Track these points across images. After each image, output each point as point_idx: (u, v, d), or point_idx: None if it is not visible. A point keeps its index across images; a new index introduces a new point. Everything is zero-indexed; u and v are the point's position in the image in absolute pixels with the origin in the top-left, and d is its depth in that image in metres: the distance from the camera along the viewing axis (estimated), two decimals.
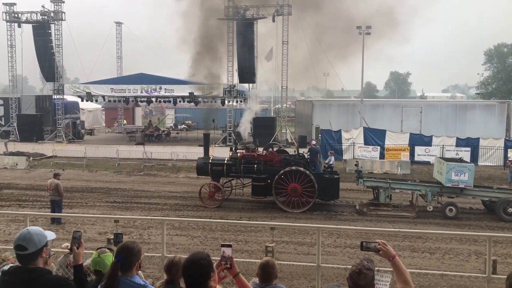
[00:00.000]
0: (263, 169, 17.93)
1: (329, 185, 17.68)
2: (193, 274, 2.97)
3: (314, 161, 18.12)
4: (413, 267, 11.22)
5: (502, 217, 16.51)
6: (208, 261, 3.04)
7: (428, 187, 17.53)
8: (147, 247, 12.58)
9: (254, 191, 18.07)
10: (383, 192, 17.53)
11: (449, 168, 17.00)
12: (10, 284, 3.08)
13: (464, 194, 17.26)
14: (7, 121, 36.58)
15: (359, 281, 3.08)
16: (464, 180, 16.84)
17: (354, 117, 33.63)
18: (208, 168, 18.64)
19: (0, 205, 18.51)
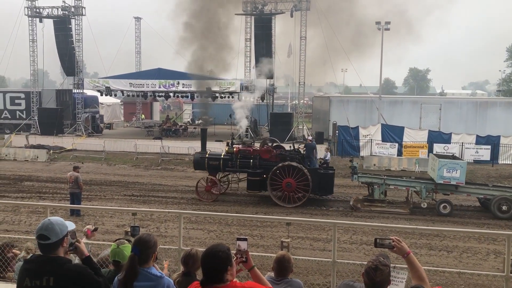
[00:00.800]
0: (259, 164, 18.08)
1: (323, 180, 17.78)
2: (210, 265, 2.99)
3: (309, 157, 18.23)
4: (430, 265, 11.11)
5: (496, 215, 16.33)
6: (227, 254, 3.05)
7: (422, 184, 17.44)
8: (164, 240, 12.72)
9: (249, 186, 18.25)
10: (378, 188, 17.56)
11: (441, 165, 16.88)
12: (32, 272, 3.16)
13: (458, 192, 17.16)
14: (28, 115, 37.27)
15: (375, 277, 3.07)
16: (456, 177, 16.72)
17: (372, 113, 33.34)
18: (204, 162, 18.83)
19: (21, 196, 18.93)
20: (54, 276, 3.11)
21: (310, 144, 18.78)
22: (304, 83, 32.94)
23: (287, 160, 17.83)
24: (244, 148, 18.76)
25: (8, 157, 28.84)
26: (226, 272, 3.02)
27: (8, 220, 15.30)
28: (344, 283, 3.44)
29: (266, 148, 18.65)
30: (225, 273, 3.01)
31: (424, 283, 3.35)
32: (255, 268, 3.47)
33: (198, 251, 4.36)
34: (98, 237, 13.19)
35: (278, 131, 31.01)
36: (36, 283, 3.11)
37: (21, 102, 39.88)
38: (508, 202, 16.33)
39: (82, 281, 3.18)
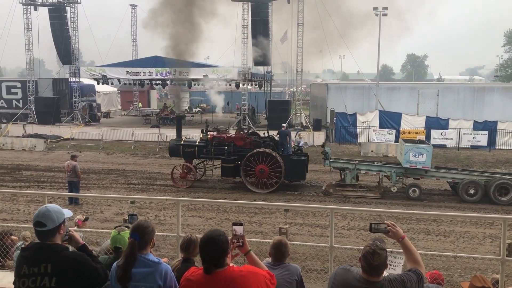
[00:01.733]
0: (233, 151, 18.27)
1: (295, 166, 17.96)
2: (211, 250, 3.00)
3: (283, 143, 18.39)
4: (427, 249, 11.21)
5: (464, 198, 16.53)
6: (226, 238, 3.09)
7: (392, 168, 17.61)
8: (162, 227, 12.80)
9: (223, 172, 18.45)
10: (349, 173, 17.75)
11: (407, 149, 17.10)
12: (29, 260, 3.16)
13: (428, 176, 17.37)
14: (25, 104, 37.09)
15: (373, 262, 3.09)
16: (422, 161, 16.91)
17: (369, 100, 33.27)
18: (180, 149, 19.01)
19: (19, 186, 18.94)
20: (52, 263, 3.11)
21: (284, 131, 18.89)
22: (302, 70, 32.81)
23: (261, 146, 18.05)
24: (219, 135, 18.93)
25: (6, 146, 28.79)
26: (226, 255, 3.05)
27: (7, 209, 15.33)
28: (341, 267, 3.45)
29: (239, 135, 18.87)
30: (225, 257, 3.04)
31: (419, 266, 3.38)
32: (251, 252, 3.49)
33: (197, 237, 4.38)
34: (97, 225, 13.29)
35: (276, 119, 30.95)
36: (34, 270, 3.11)
37: (17, 91, 39.63)
38: (475, 185, 16.50)
39: (79, 267, 3.18)
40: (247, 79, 32.76)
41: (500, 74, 66.16)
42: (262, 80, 36.30)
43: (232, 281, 2.99)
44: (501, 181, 16.35)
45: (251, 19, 31.74)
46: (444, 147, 27.55)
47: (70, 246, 3.58)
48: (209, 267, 3.01)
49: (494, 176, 16.87)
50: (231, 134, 19.21)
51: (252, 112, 34.56)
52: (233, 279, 3.00)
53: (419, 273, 3.31)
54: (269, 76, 37.67)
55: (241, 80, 32.84)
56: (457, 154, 26.20)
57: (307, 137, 29.09)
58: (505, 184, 16.30)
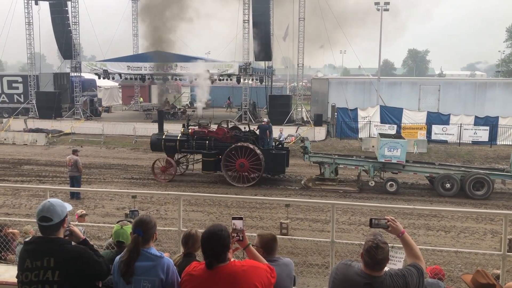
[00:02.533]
0: (214, 145, 18.44)
1: (275, 160, 18.15)
2: (213, 246, 3.01)
3: (263, 138, 18.60)
4: (427, 245, 11.23)
5: (440, 192, 16.66)
6: (227, 233, 3.09)
7: (370, 163, 17.75)
8: (163, 222, 12.83)
9: (204, 166, 18.58)
10: (328, 168, 17.93)
11: (382, 144, 17.31)
12: (32, 253, 3.18)
13: (406, 170, 17.56)
14: (26, 98, 37.08)
15: (377, 256, 3.09)
16: (397, 156, 17.09)
17: (370, 95, 33.25)
18: (161, 143, 19.12)
19: (21, 180, 18.98)
20: (54, 257, 3.13)
21: (263, 126, 19.09)
22: (303, 65, 32.74)
23: (242, 141, 18.19)
24: (199, 129, 19.07)
25: (7, 141, 28.81)
26: (228, 250, 3.06)
27: (9, 203, 15.36)
28: (342, 263, 3.46)
29: (220, 129, 18.98)
30: (227, 252, 3.05)
31: (419, 261, 3.39)
32: (250, 246, 3.50)
33: (198, 231, 4.39)
34: (98, 219, 13.34)
35: (276, 114, 30.96)
36: (36, 264, 3.13)
37: (18, 85, 39.63)
38: (451, 179, 16.65)
39: (82, 261, 3.20)
40: (248, 74, 32.72)
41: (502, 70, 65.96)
42: (263, 75, 36.24)
43: (234, 276, 3.00)
44: (476, 175, 16.48)
45: (252, 13, 31.64)
46: (445, 143, 27.54)
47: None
48: (211, 262, 3.02)
49: (470, 171, 17.03)
50: (213, 129, 19.33)
51: (253, 107, 34.52)
52: (235, 274, 3.01)
53: (419, 268, 3.32)
54: (270, 71, 37.61)
55: (242, 75, 32.80)
56: (458, 149, 26.18)
57: (308, 132, 29.10)
58: (480, 179, 16.41)
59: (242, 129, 19.58)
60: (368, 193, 17.12)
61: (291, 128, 29.88)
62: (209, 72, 32.99)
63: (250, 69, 32.36)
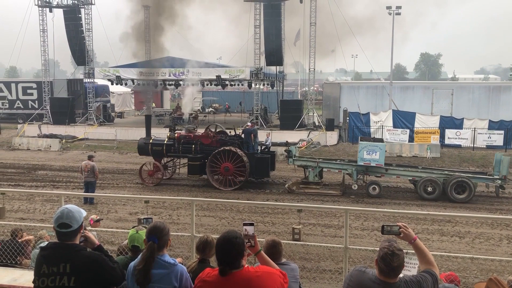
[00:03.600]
0: (200, 149, 18.71)
1: (259, 164, 18.35)
2: (228, 252, 3.02)
3: (247, 142, 18.76)
4: (441, 250, 11.11)
5: (422, 196, 16.70)
6: (242, 239, 3.11)
7: (353, 166, 17.75)
8: (176, 227, 12.86)
9: (190, 170, 18.84)
10: (312, 171, 18.07)
11: (361, 147, 17.46)
12: (49, 259, 3.22)
13: (389, 174, 17.63)
14: (40, 104, 37.58)
15: (393, 263, 3.07)
16: (376, 159, 17.17)
17: (383, 99, 33.07)
18: (148, 148, 19.43)
19: (35, 185, 19.19)
20: (70, 263, 3.16)
21: (248, 130, 19.28)
22: (314, 69, 32.70)
23: (227, 145, 18.43)
24: (185, 134, 19.38)
25: (22, 146, 29.18)
26: (242, 258, 3.06)
27: (23, 208, 15.54)
28: (356, 269, 3.44)
29: (205, 134, 19.18)
30: (242, 259, 3.05)
31: (433, 267, 3.36)
32: (261, 252, 3.50)
33: (213, 238, 4.41)
34: (111, 224, 13.41)
35: (288, 118, 30.94)
36: (53, 270, 3.16)
37: (33, 92, 40.23)
38: (433, 183, 16.64)
39: (97, 267, 3.23)
40: (259, 79, 32.77)
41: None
42: (274, 80, 36.27)
43: (249, 282, 3.00)
44: (458, 179, 16.48)
45: (264, 19, 31.73)
46: (459, 147, 27.25)
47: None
48: (225, 269, 3.02)
49: (452, 174, 16.98)
50: (199, 133, 19.60)
51: (264, 112, 34.56)
52: (250, 280, 3.01)
53: (433, 274, 3.30)
54: (281, 75, 37.63)
55: (253, 80, 32.87)
56: (472, 154, 25.88)
57: (320, 137, 29.01)
58: (462, 182, 16.42)
59: (228, 133, 19.89)
60: (351, 196, 17.24)
61: (302, 133, 29.83)
62: (221, 77, 33.15)
63: (261, 74, 32.42)
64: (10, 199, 16.02)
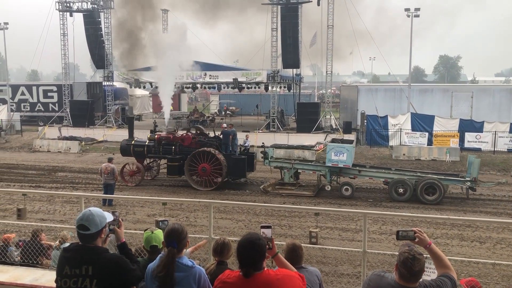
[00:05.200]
0: (180, 150, 19.16)
1: (236, 165, 18.72)
2: (251, 254, 3.03)
3: (226, 143, 19.13)
4: (461, 256, 10.93)
5: (393, 197, 16.84)
6: (264, 242, 3.12)
7: (327, 168, 17.85)
8: (193, 229, 12.92)
9: (169, 171, 19.33)
10: (287, 172, 18.37)
11: (329, 149, 17.86)
12: (71, 261, 3.27)
13: (361, 175, 17.79)
14: (60, 107, 38.24)
15: (414, 267, 3.05)
16: (343, 160, 17.39)
17: (401, 102, 32.74)
18: (130, 149, 19.95)
19: (55, 187, 19.49)
20: (92, 265, 3.22)
21: (226, 131, 19.56)
22: (332, 72, 32.57)
23: (206, 146, 18.85)
24: (165, 135, 19.82)
25: (42, 148, 29.70)
26: (264, 260, 3.08)
27: (44, 209, 15.79)
28: (375, 274, 3.42)
29: (184, 135, 19.64)
30: (263, 261, 3.07)
31: (450, 271, 3.34)
32: (279, 254, 3.51)
33: (229, 240, 4.42)
34: (130, 226, 13.52)
35: (305, 121, 30.86)
36: (75, 272, 3.22)
37: (53, 95, 40.96)
38: (404, 185, 16.75)
39: (118, 269, 3.28)
40: (276, 81, 32.76)
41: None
42: (291, 83, 36.24)
43: (270, 285, 3.01)
44: (428, 181, 16.57)
45: (281, 21, 31.74)
46: (479, 151, 26.79)
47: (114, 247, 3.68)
48: (248, 271, 3.03)
49: (423, 176, 17.07)
50: (178, 134, 20.00)
51: (281, 114, 34.52)
52: (271, 283, 3.02)
53: (452, 277, 3.28)
54: (298, 78, 37.56)
55: (270, 83, 32.87)
56: (493, 158, 25.43)
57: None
58: (432, 184, 16.48)
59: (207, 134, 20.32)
60: (323, 197, 17.45)
61: (319, 135, 29.72)
62: (238, 80, 33.25)
63: (278, 76, 32.41)
64: (31, 200, 16.32)
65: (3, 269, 5.97)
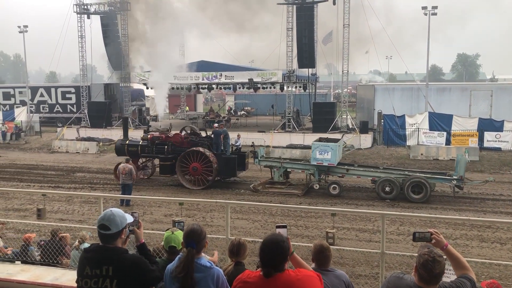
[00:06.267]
0: (172, 150, 19.50)
1: (226, 164, 19.05)
2: (275, 255, 3.03)
3: (216, 143, 19.34)
4: (482, 257, 10.75)
5: (380, 196, 17.02)
6: (288, 243, 3.13)
7: (315, 167, 18.07)
8: (210, 229, 12.95)
9: (161, 170, 19.80)
10: (277, 171, 18.73)
11: (313, 148, 18.09)
12: (92, 261, 3.32)
13: (349, 174, 18.03)
14: (78, 108, 38.73)
15: (435, 270, 3.00)
16: (328, 159, 17.66)
17: (418, 101, 32.38)
18: (125, 148, 20.38)
19: (74, 187, 19.77)
20: (113, 266, 3.25)
21: (217, 131, 19.77)
22: (348, 71, 32.35)
23: (198, 146, 19.17)
24: (158, 135, 20.21)
25: (61, 149, 30.14)
26: (286, 261, 3.09)
27: (63, 209, 16.03)
28: (394, 275, 3.39)
29: (176, 135, 20.00)
30: (285, 263, 3.08)
31: (469, 272, 3.29)
32: (294, 254, 3.51)
33: (245, 241, 4.42)
34: (147, 226, 13.63)
35: (321, 121, 30.71)
36: (96, 272, 3.26)
37: (71, 96, 41.55)
38: (391, 183, 16.90)
39: (138, 270, 3.31)
40: (292, 81, 32.68)
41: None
42: (306, 82, 36.11)
43: (290, 285, 3.01)
44: (415, 179, 16.69)
45: (296, 21, 31.65)
46: (499, 150, 26.34)
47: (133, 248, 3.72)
48: (270, 271, 3.03)
49: (410, 175, 17.12)
50: (171, 134, 20.35)
51: (296, 114, 34.42)
52: (292, 283, 3.02)
53: (471, 279, 3.24)
54: (314, 78, 37.41)
55: (286, 83, 32.80)
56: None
57: (354, 139, 28.65)
58: (419, 183, 16.60)
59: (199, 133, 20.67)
60: (312, 195, 17.74)
61: (336, 135, 29.53)
62: (253, 80, 33.26)
63: (293, 76, 32.33)
64: (50, 200, 16.58)
65: (24, 268, 6.07)
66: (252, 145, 21.51)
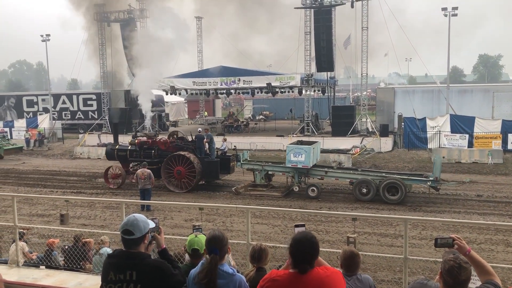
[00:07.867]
0: (158, 154, 20.05)
1: (208, 168, 19.53)
2: (309, 251, 3.07)
3: (200, 147, 19.83)
4: (507, 262, 10.52)
5: (357, 197, 17.26)
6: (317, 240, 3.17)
7: (295, 169, 18.35)
8: (230, 234, 12.96)
9: None
10: (259, 174, 19.15)
11: (288, 150, 18.44)
12: (115, 266, 3.36)
13: (328, 176, 18.37)
14: (99, 115, 39.33)
15: (460, 276, 2.95)
16: (301, 161, 17.94)
17: (439, 103, 31.92)
18: (114, 153, 21.06)
19: (95, 193, 20.04)
20: (136, 271, 3.29)
21: (200, 135, 20.16)
22: (367, 74, 32.11)
23: (183, 150, 19.69)
24: (145, 140, 20.76)
25: (83, 155, 30.63)
26: (317, 258, 3.14)
27: (85, 215, 16.26)
28: (417, 282, 3.34)
29: (162, 140, 20.53)
30: (316, 259, 3.11)
31: (494, 277, 3.22)
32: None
33: (267, 246, 4.41)
34: (168, 231, 13.72)
35: (340, 125, 30.53)
36: (120, 277, 3.30)
37: (92, 103, 42.24)
38: (367, 184, 17.14)
39: (161, 274, 3.34)
40: (310, 85, 32.59)
41: None
42: (325, 86, 35.97)
43: (321, 282, 3.02)
44: (390, 180, 16.92)
45: (314, 25, 31.58)
46: None
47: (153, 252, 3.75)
48: (306, 267, 3.04)
49: (386, 176, 17.44)
50: (158, 139, 20.86)
51: (315, 118, 34.30)
52: (322, 279, 3.03)
53: (497, 284, 3.18)
54: (333, 81, 37.24)
55: (304, 87, 32.73)
56: None
57: (374, 143, 28.37)
58: (394, 184, 16.80)
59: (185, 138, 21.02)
60: (291, 198, 18.02)
61: (355, 139, 29.34)
62: (271, 84, 33.28)
63: (312, 80, 32.23)
64: (72, 205, 16.83)
65: (49, 273, 6.18)
66: (235, 148, 21.95)
